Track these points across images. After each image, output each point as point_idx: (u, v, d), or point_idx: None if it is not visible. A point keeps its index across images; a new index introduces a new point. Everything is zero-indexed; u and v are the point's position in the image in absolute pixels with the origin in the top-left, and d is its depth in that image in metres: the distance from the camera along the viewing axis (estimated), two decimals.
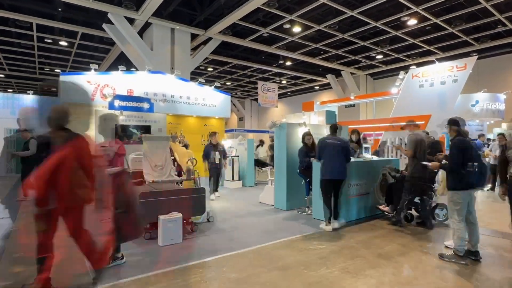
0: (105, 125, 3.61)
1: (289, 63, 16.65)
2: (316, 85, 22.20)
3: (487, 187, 8.87)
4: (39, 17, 10.55)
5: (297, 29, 11.73)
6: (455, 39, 12.65)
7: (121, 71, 10.31)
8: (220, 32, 11.80)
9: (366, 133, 12.78)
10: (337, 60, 16.15)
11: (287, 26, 11.41)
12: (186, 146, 7.65)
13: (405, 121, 5.23)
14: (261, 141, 15.22)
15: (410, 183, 4.93)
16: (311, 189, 5.79)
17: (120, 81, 10.28)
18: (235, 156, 9.67)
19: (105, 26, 10.94)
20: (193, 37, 12.28)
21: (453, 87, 10.11)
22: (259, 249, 4.01)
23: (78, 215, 2.64)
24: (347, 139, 5.37)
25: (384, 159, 6.97)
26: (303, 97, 23.66)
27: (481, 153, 9.48)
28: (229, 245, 4.14)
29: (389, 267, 3.43)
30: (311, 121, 10.46)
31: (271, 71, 18.07)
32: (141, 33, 11.74)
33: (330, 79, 19.23)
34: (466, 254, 3.63)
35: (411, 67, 13.89)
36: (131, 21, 10.69)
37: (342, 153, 4.88)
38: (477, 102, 11.80)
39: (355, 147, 6.14)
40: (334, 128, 5.19)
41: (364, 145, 6.27)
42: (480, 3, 9.60)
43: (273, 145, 8.22)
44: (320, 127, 7.55)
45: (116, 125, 3.80)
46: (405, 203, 5.03)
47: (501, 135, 8.38)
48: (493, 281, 3.12)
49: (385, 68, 17.20)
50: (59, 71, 16.61)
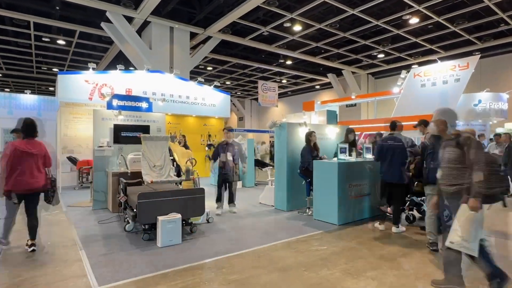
0: None
1: (289, 62, 16.65)
2: (316, 85, 22.21)
3: None
4: (37, 16, 10.55)
5: (297, 28, 11.73)
6: (458, 38, 12.65)
7: (120, 70, 10.32)
8: (219, 30, 11.80)
9: (367, 133, 12.79)
10: (338, 59, 16.15)
11: (288, 24, 11.42)
12: (186, 146, 7.66)
13: (407, 120, 5.16)
14: (263, 143, 15.51)
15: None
16: (311, 189, 5.79)
17: (118, 80, 10.29)
18: None
19: (103, 24, 10.94)
20: (192, 35, 12.28)
21: (455, 86, 10.10)
22: (259, 250, 4.01)
23: None
24: (408, 138, 5.15)
25: None
26: (304, 96, 23.67)
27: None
28: (229, 246, 4.14)
29: (390, 268, 3.43)
30: (311, 121, 10.46)
31: (271, 70, 18.08)
32: (140, 32, 11.75)
33: (331, 78, 19.23)
34: None
35: (413, 66, 13.88)
36: (130, 19, 10.69)
37: (403, 155, 4.81)
38: (480, 101, 11.79)
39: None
40: (393, 125, 5.06)
41: (365, 145, 6.27)
42: (482, 2, 9.61)
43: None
44: (321, 127, 7.54)
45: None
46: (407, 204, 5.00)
47: (499, 135, 8.31)
48: None
49: (386, 67, 17.20)
50: (57, 70, 16.61)
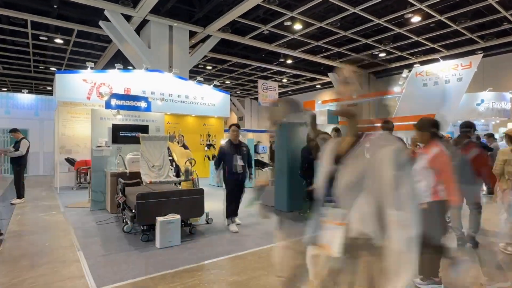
0: None
1: (290, 61, 16.65)
2: (317, 84, 22.21)
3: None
4: (34, 14, 10.54)
5: (298, 27, 11.73)
6: (460, 36, 12.65)
7: (118, 69, 10.33)
8: (219, 29, 11.80)
9: (368, 133, 12.78)
10: (339, 58, 16.15)
11: (288, 23, 11.41)
12: (185, 146, 7.65)
13: (408, 120, 5.08)
14: (259, 142, 15.60)
15: None
16: None
17: (117, 80, 10.30)
18: None
19: (101, 23, 10.93)
20: (192, 34, 12.28)
21: (457, 85, 10.11)
22: (259, 251, 4.01)
23: None
24: (400, 137, 4.86)
25: None
26: (304, 96, 23.66)
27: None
28: (229, 247, 4.14)
29: None
30: None
31: (272, 69, 18.07)
32: (139, 30, 11.74)
33: (332, 77, 19.21)
34: None
35: (414, 65, 13.89)
36: (128, 18, 10.68)
37: None
38: (483, 101, 11.80)
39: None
40: (388, 126, 4.82)
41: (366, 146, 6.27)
42: (485, 0, 9.61)
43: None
44: (321, 126, 7.54)
45: None
46: None
47: (492, 136, 8.29)
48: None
49: (388, 66, 17.20)
50: (55, 69, 16.60)
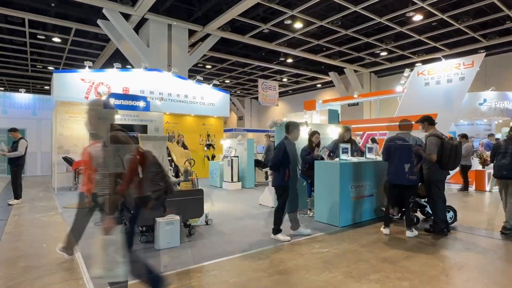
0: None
1: (290, 61, 16.65)
2: (318, 83, 22.21)
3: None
4: (32, 13, 10.54)
5: (298, 25, 11.74)
6: (462, 35, 12.65)
7: (117, 68, 10.33)
8: (218, 28, 11.80)
9: (370, 133, 12.80)
10: (340, 57, 16.15)
11: (288, 22, 11.42)
12: (184, 146, 7.66)
13: (412, 120, 5.01)
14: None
15: (432, 186, 4.84)
16: (313, 190, 5.79)
17: (115, 79, 10.30)
18: (235, 156, 9.68)
19: (99, 22, 10.93)
20: (191, 33, 12.28)
21: (460, 85, 10.11)
22: (259, 252, 4.01)
23: None
24: (418, 137, 4.84)
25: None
26: (305, 95, 23.68)
27: (488, 153, 9.51)
28: (228, 248, 4.14)
29: (394, 271, 3.43)
30: (313, 120, 10.45)
31: (272, 68, 18.08)
32: (137, 29, 11.75)
33: (332, 77, 19.24)
34: None
35: (416, 65, 13.89)
36: (127, 16, 10.69)
37: (411, 155, 4.60)
38: (485, 100, 11.80)
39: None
40: (405, 125, 4.81)
41: (368, 145, 6.27)
42: None
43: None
44: (322, 126, 7.54)
45: None
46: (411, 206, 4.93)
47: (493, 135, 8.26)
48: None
49: (389, 65, 17.21)
50: (52, 68, 16.61)
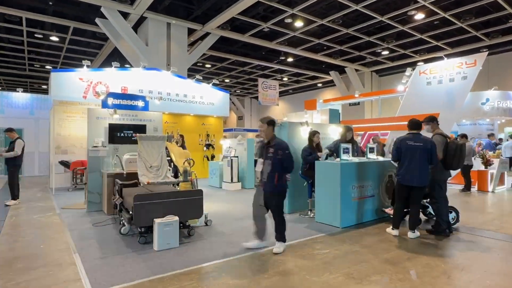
0: None
1: (290, 60, 16.65)
2: (318, 83, 22.22)
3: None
4: (29, 11, 10.55)
5: (299, 24, 11.74)
6: (464, 34, 12.65)
7: (115, 67, 10.32)
8: (218, 27, 11.81)
9: (371, 133, 12.80)
10: (340, 56, 16.15)
11: (289, 20, 11.42)
12: (183, 146, 7.65)
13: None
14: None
15: (436, 186, 4.82)
16: (313, 191, 5.79)
17: (113, 78, 10.30)
18: (234, 156, 9.68)
19: (98, 20, 10.94)
20: (190, 32, 12.29)
21: (462, 84, 10.11)
22: (259, 253, 4.01)
23: None
24: (432, 139, 4.77)
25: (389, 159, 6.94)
26: (305, 95, 23.69)
27: (491, 153, 9.51)
28: (228, 249, 4.14)
29: (396, 273, 3.42)
30: (313, 120, 10.46)
31: (272, 67, 18.08)
32: (136, 28, 11.75)
33: (333, 76, 19.24)
34: None
35: (418, 64, 13.90)
36: (125, 15, 10.69)
37: (425, 157, 4.53)
38: (488, 100, 11.81)
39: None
40: (416, 124, 4.71)
41: (369, 145, 6.27)
42: None
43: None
44: (323, 126, 7.54)
45: None
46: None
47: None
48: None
49: (391, 64, 17.21)
50: (50, 67, 16.61)
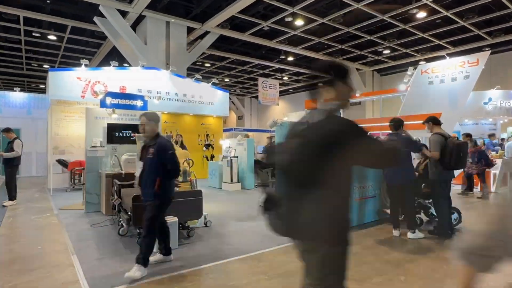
0: None
1: (291, 59, 16.65)
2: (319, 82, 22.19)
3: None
4: (27, 10, 10.53)
5: (299, 23, 11.73)
6: (467, 33, 12.64)
7: (113, 66, 10.32)
8: (218, 25, 11.80)
9: (372, 133, 12.78)
10: (341, 55, 16.16)
11: (289, 19, 11.40)
12: (182, 146, 7.65)
13: (414, 119, 5.03)
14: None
15: (436, 187, 4.83)
16: None
17: (112, 78, 10.29)
18: (234, 157, 9.68)
19: (96, 19, 10.93)
20: (190, 30, 12.27)
21: (464, 83, 10.10)
22: (259, 255, 4.01)
23: None
24: (409, 135, 4.86)
25: None
26: (306, 94, 23.66)
27: (493, 153, 9.51)
28: (228, 251, 4.14)
29: (397, 274, 3.42)
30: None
31: (272, 67, 18.07)
32: (135, 26, 11.74)
33: None
34: None
35: (420, 63, 13.88)
36: (124, 14, 10.68)
37: (405, 155, 4.50)
38: (490, 99, 11.79)
39: None
40: (397, 124, 4.78)
41: None
42: None
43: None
44: None
45: None
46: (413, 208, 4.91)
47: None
48: None
49: (392, 63, 17.20)
50: (48, 66, 16.60)
